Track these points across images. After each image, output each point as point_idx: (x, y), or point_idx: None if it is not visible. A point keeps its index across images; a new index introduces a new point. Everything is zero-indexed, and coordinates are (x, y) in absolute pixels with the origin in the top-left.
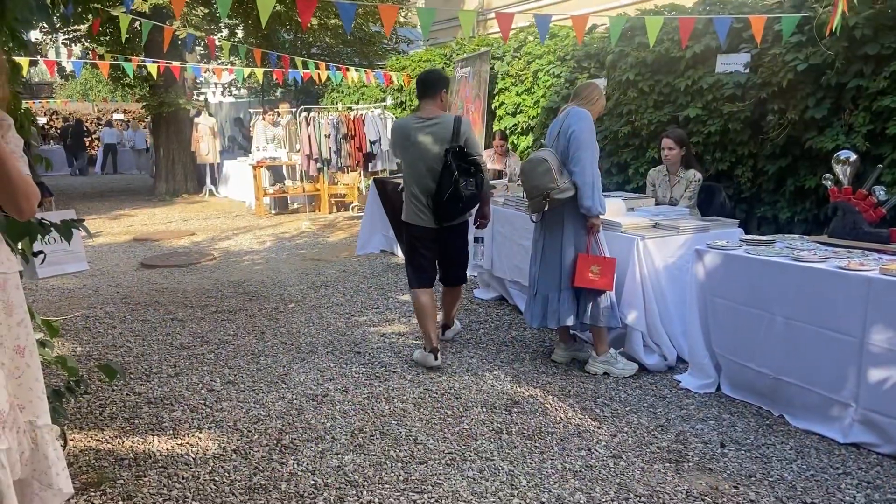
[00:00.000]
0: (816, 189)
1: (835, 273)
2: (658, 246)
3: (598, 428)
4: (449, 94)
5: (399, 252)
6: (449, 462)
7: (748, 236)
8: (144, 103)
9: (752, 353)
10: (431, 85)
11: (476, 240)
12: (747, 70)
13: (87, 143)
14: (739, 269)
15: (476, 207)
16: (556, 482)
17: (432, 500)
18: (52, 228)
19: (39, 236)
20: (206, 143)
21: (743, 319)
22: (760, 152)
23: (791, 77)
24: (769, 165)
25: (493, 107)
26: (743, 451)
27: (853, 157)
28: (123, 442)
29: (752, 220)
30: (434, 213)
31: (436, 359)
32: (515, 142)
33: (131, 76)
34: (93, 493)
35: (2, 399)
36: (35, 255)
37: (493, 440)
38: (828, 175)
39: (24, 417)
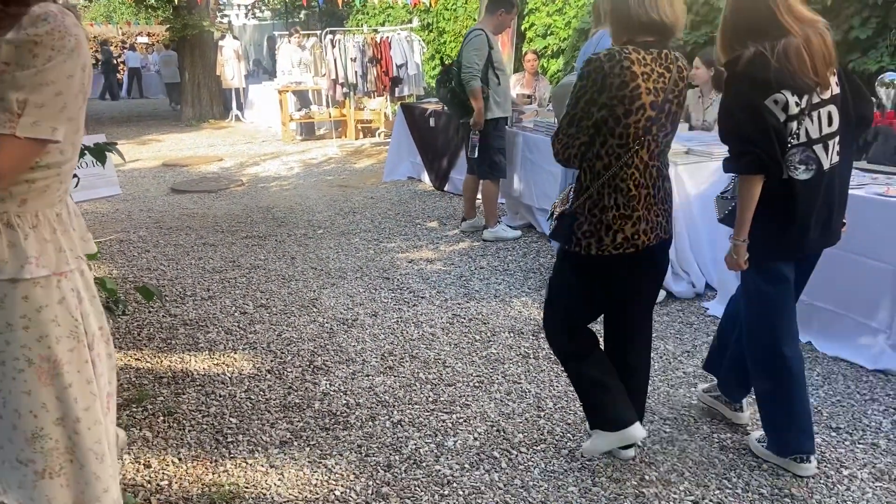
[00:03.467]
0: None
1: (874, 200)
2: (690, 172)
3: None
4: (485, 14)
5: (426, 179)
6: (477, 384)
7: None
8: (168, 26)
9: None
10: (491, 3)
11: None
12: None
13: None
14: None
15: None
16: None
17: (461, 419)
18: (85, 152)
19: None
20: (230, 67)
21: None
22: None
23: None
24: None
25: (522, 28)
26: None
27: None
28: (162, 361)
29: None
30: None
31: (461, 223)
32: (545, 65)
33: None
34: (135, 409)
35: None
36: None
37: (520, 364)
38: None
39: None
